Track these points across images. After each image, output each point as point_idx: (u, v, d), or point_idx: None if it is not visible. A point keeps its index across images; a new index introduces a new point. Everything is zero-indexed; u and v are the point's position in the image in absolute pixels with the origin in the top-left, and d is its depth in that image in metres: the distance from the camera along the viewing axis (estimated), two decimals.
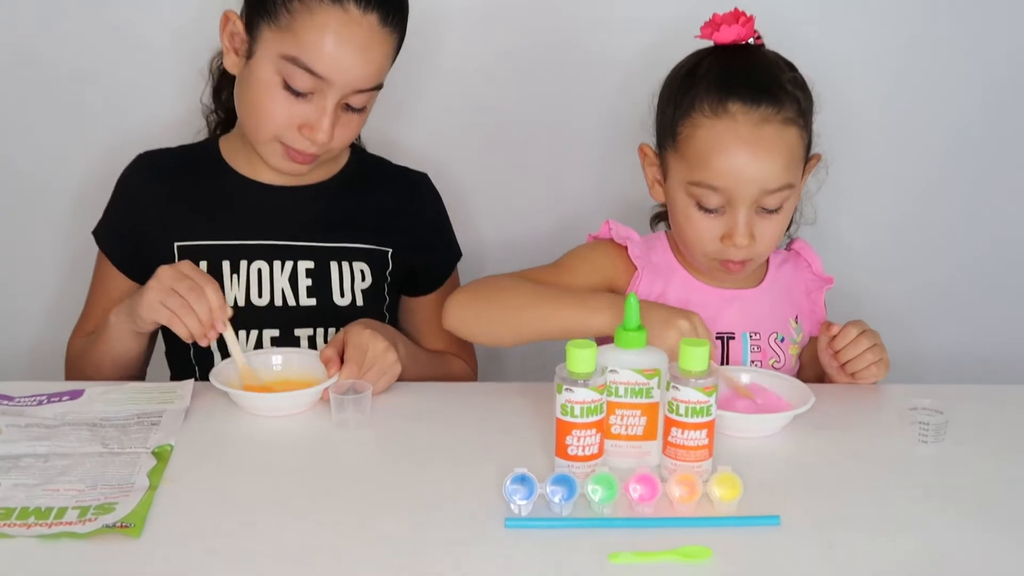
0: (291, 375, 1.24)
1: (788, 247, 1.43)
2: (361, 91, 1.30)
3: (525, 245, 1.70)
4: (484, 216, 1.73)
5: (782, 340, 1.36)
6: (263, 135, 1.31)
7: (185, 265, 1.23)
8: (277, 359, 1.27)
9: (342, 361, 1.21)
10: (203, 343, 1.22)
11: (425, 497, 0.99)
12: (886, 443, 1.14)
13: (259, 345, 1.35)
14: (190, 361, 1.41)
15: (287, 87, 1.27)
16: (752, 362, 1.33)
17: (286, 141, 1.31)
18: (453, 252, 1.52)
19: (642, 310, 1.03)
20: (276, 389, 1.20)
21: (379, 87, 1.32)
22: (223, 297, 1.22)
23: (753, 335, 1.34)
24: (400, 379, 1.25)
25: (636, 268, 1.33)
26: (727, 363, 1.32)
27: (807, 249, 1.42)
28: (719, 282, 1.34)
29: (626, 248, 1.33)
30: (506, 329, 1.26)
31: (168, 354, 1.47)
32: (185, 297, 1.19)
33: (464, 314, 1.28)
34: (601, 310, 1.19)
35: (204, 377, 1.33)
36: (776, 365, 1.34)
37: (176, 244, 1.37)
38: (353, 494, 1.00)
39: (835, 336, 1.27)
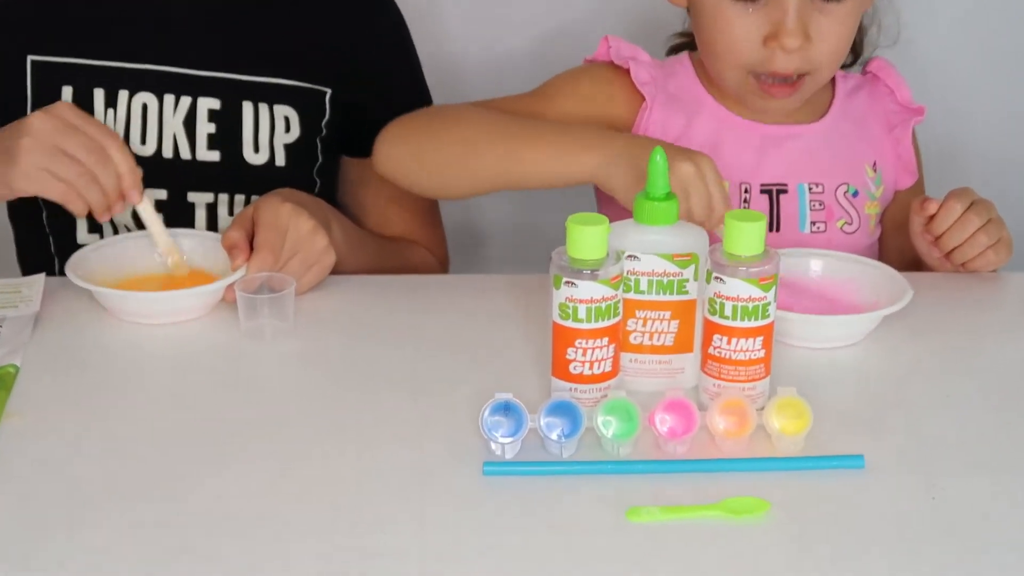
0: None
1: (863, 70, 1.43)
2: None
3: (507, 70, 1.70)
4: (458, 35, 1.74)
5: (855, 195, 1.37)
6: None
7: (67, 110, 1.20)
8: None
9: (252, 247, 1.20)
10: (103, 219, 1.22)
11: (373, 434, 0.99)
12: (1008, 353, 1.16)
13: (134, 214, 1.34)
14: (50, 254, 1.40)
15: None
16: (813, 224, 1.34)
17: None
18: (418, 94, 1.49)
19: (634, 150, 1.05)
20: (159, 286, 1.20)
21: None
22: (132, 156, 1.21)
23: (813, 187, 1.35)
24: (335, 272, 1.25)
25: (643, 98, 1.33)
26: (778, 231, 1.33)
27: (888, 71, 1.41)
28: (763, 116, 1.34)
29: (629, 72, 1.33)
30: (457, 173, 1.27)
31: (19, 240, 1.47)
32: (83, 161, 1.17)
33: (399, 151, 1.27)
34: (590, 147, 1.19)
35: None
36: (847, 229, 1.36)
37: (30, 58, 1.36)
38: (272, 430, 1.00)
39: (933, 216, 1.25)
